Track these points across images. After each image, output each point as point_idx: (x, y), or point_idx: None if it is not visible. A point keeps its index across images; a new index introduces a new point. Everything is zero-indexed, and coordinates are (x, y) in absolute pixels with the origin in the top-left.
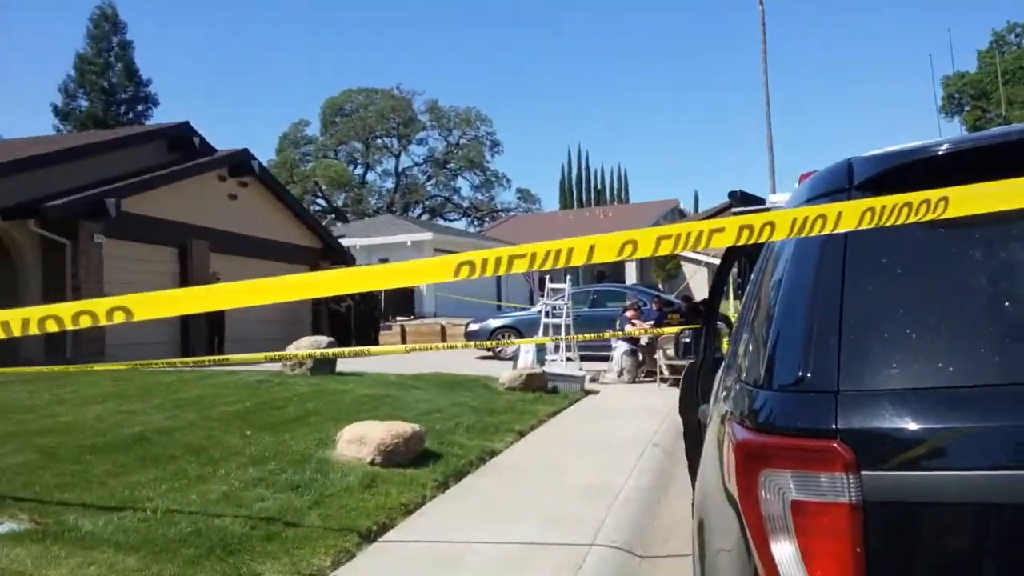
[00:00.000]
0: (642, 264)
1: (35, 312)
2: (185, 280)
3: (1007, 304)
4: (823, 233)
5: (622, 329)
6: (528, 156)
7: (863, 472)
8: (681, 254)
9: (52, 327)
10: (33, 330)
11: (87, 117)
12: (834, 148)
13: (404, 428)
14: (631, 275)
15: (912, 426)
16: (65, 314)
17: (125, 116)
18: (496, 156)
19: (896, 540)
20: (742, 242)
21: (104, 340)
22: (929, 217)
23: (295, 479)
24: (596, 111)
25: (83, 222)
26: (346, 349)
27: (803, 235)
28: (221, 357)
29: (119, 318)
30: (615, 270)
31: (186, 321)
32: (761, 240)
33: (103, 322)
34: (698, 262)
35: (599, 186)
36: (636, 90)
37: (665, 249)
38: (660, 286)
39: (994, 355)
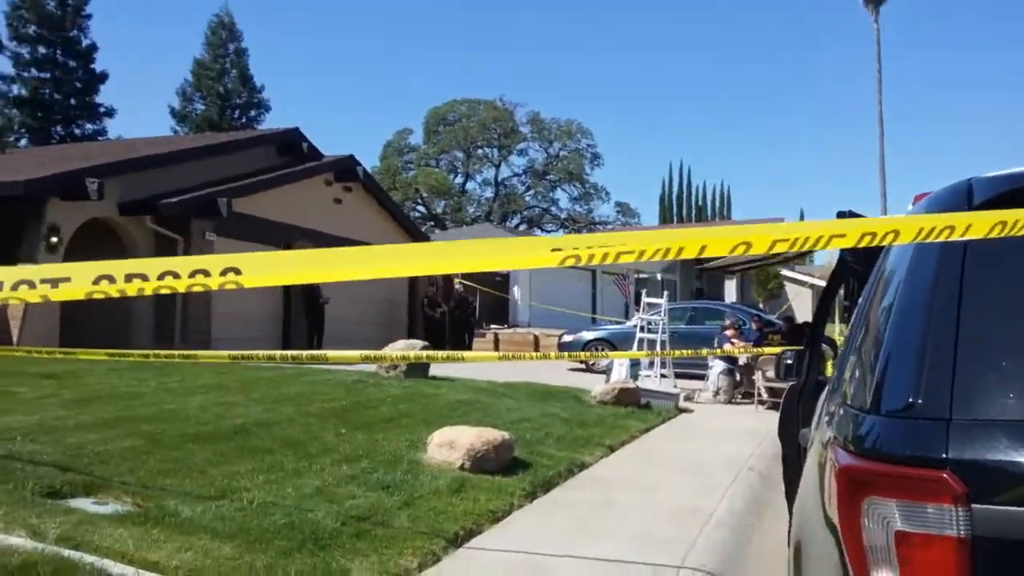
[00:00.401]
0: (743, 283)
1: (154, 267)
2: None
3: None
4: (950, 240)
5: (720, 347)
6: (629, 170)
7: (973, 505)
8: (784, 273)
9: (167, 289)
10: (150, 291)
11: (202, 120)
12: (952, 169)
13: (494, 435)
14: (731, 293)
15: None
16: (183, 271)
17: (238, 120)
18: (596, 169)
19: None
20: (863, 245)
21: (210, 333)
22: None
23: (386, 479)
24: (701, 126)
25: (195, 220)
26: (439, 353)
27: (928, 240)
28: (318, 353)
29: (231, 286)
30: (714, 288)
31: (288, 320)
32: (884, 243)
33: (215, 287)
34: (802, 283)
35: (700, 202)
36: (743, 105)
37: (780, 248)
38: (761, 305)
39: None
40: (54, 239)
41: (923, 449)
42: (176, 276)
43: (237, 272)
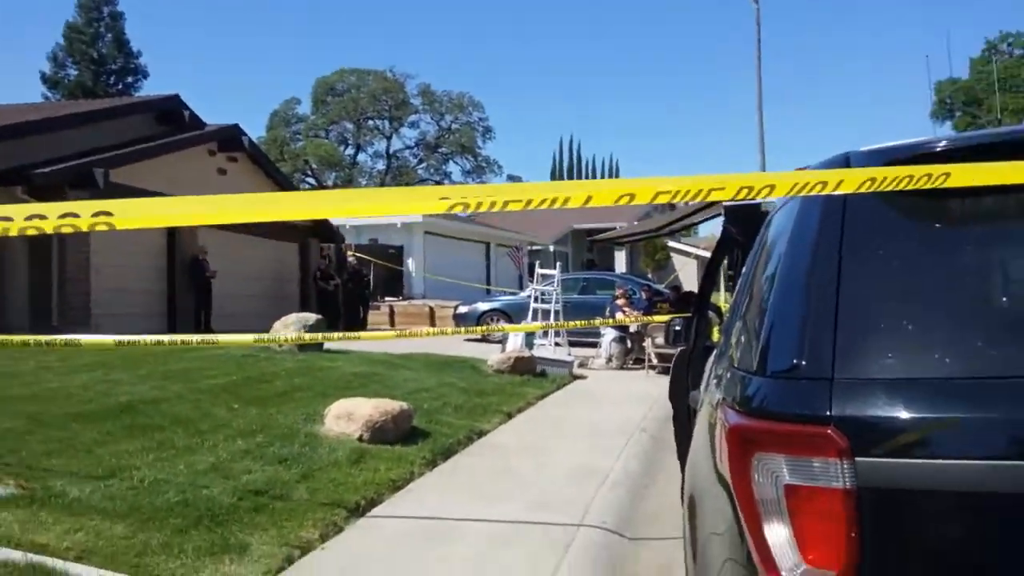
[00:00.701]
0: (631, 254)
1: (20, 211)
2: (172, 253)
3: (1003, 298)
4: (822, 193)
5: (612, 316)
6: (520, 143)
7: (857, 458)
8: (671, 245)
9: (33, 229)
10: (15, 231)
11: (76, 86)
12: (826, 147)
13: (392, 405)
14: (621, 264)
15: (906, 415)
16: (51, 213)
17: (114, 87)
18: (488, 142)
19: (889, 526)
20: (740, 198)
21: (91, 309)
22: (929, 186)
23: (283, 452)
24: (589, 101)
25: (70, 191)
26: (335, 334)
27: (800, 194)
28: (209, 338)
29: (102, 227)
30: (605, 259)
31: (173, 295)
32: (760, 197)
33: (85, 228)
34: (687, 254)
35: (590, 176)
36: (630, 81)
37: (663, 199)
38: (650, 276)
39: (989, 348)
40: None
41: (808, 407)
42: (43, 218)
43: (108, 214)
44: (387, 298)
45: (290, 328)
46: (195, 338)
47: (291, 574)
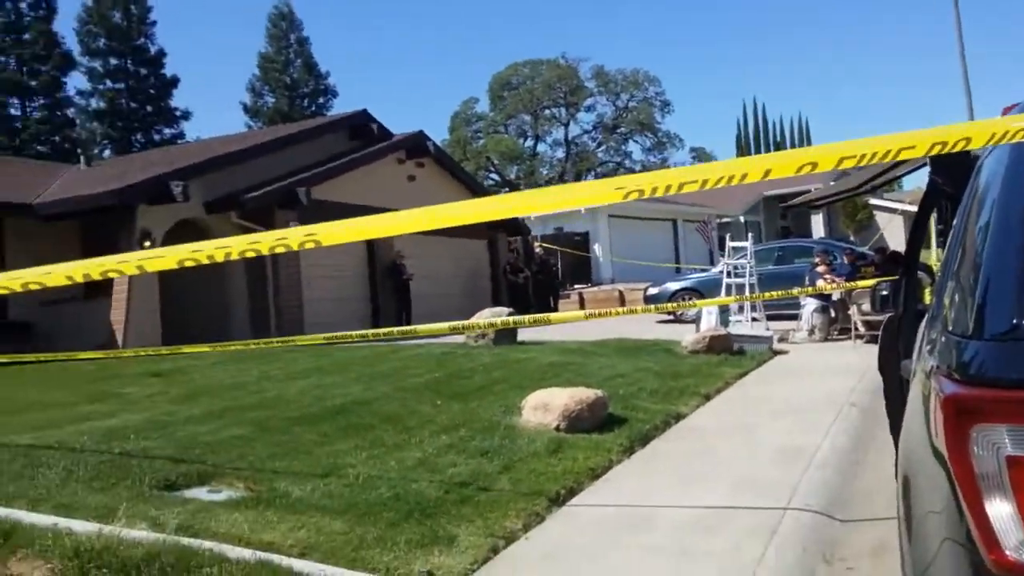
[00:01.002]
0: (830, 217)
1: (238, 244)
2: (372, 260)
3: None
4: None
5: (812, 285)
6: (701, 114)
7: None
8: (873, 202)
9: (252, 253)
10: (235, 254)
11: (274, 112)
12: None
13: (587, 394)
14: (819, 229)
15: None
16: (265, 242)
17: (308, 109)
18: (667, 116)
19: None
20: (934, 154)
21: (303, 320)
22: None
23: (484, 445)
24: (771, 60)
25: (277, 211)
26: (526, 317)
27: (1003, 143)
28: (407, 328)
29: (310, 245)
30: (800, 225)
31: (376, 301)
32: (956, 150)
33: (296, 248)
34: (892, 211)
35: (779, 138)
36: (813, 33)
37: (848, 164)
38: (852, 238)
39: None
40: (147, 243)
41: None
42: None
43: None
44: (576, 285)
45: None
46: (395, 329)
47: (496, 563)
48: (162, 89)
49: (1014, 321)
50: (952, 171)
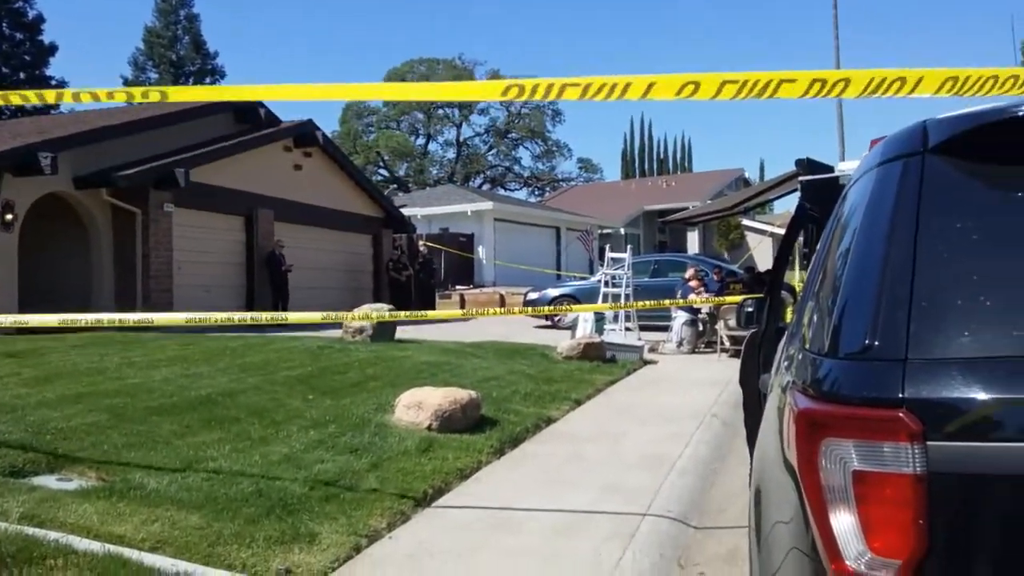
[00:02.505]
0: (704, 234)
1: None
2: (251, 248)
3: None
4: (899, 95)
5: (684, 298)
6: (590, 126)
7: (929, 442)
8: (745, 223)
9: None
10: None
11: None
12: (907, 116)
13: (461, 394)
14: (693, 245)
15: (981, 396)
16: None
17: None
18: (557, 125)
19: (959, 512)
20: (812, 95)
21: (173, 306)
22: (1014, 92)
23: (354, 442)
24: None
25: (153, 191)
26: (403, 312)
27: (878, 95)
28: (278, 315)
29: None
30: (677, 241)
31: (251, 290)
32: (834, 94)
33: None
34: (763, 232)
35: (662, 155)
36: (700, 58)
37: (728, 93)
38: (724, 256)
39: None
40: (8, 216)
41: (879, 390)
42: None
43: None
44: (458, 286)
45: (362, 320)
46: (264, 315)
47: (358, 562)
48: (38, 56)
49: (866, 342)
50: (821, 197)
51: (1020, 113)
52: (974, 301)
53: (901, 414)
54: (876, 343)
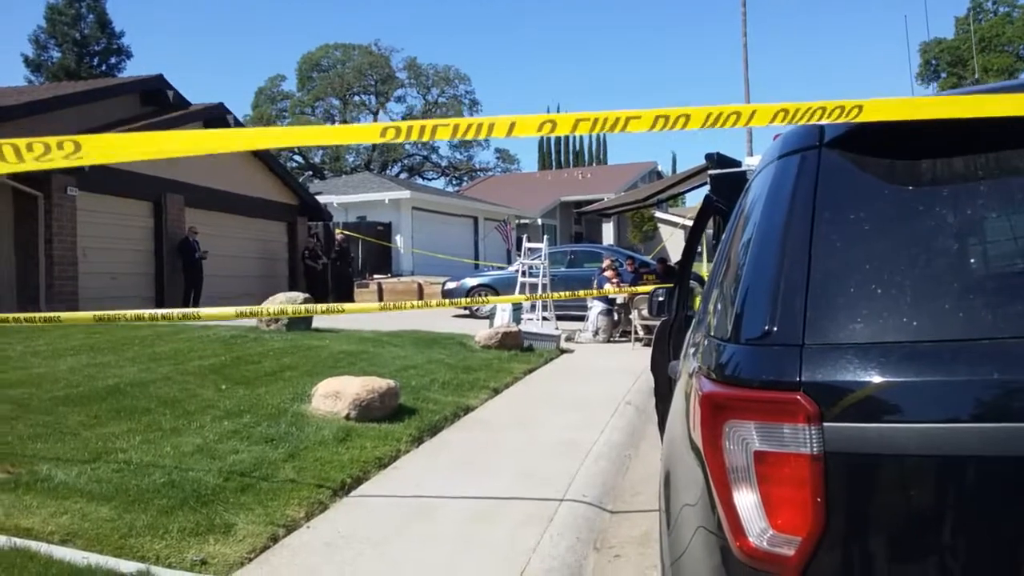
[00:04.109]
0: (619, 226)
1: None
2: (160, 234)
3: (970, 261)
4: (736, 126)
5: (599, 288)
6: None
7: (825, 424)
8: (658, 216)
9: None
10: None
11: (59, 68)
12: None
13: (379, 383)
14: (608, 237)
15: (874, 379)
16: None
17: (98, 68)
18: (475, 115)
19: (855, 490)
20: (658, 129)
21: (78, 294)
22: (842, 119)
23: (270, 432)
24: (576, 73)
25: (56, 175)
26: (319, 306)
27: (716, 127)
28: (190, 311)
29: (68, 148)
30: (592, 232)
31: (161, 277)
32: (676, 128)
33: (55, 153)
34: (675, 224)
35: (578, 148)
36: (616, 53)
37: (583, 129)
38: (639, 247)
39: (956, 311)
40: None
41: (778, 373)
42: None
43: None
44: (376, 275)
45: (277, 308)
46: (176, 312)
47: (275, 552)
48: None
49: (766, 328)
50: (727, 190)
51: None
52: (867, 289)
53: (799, 397)
54: (775, 329)
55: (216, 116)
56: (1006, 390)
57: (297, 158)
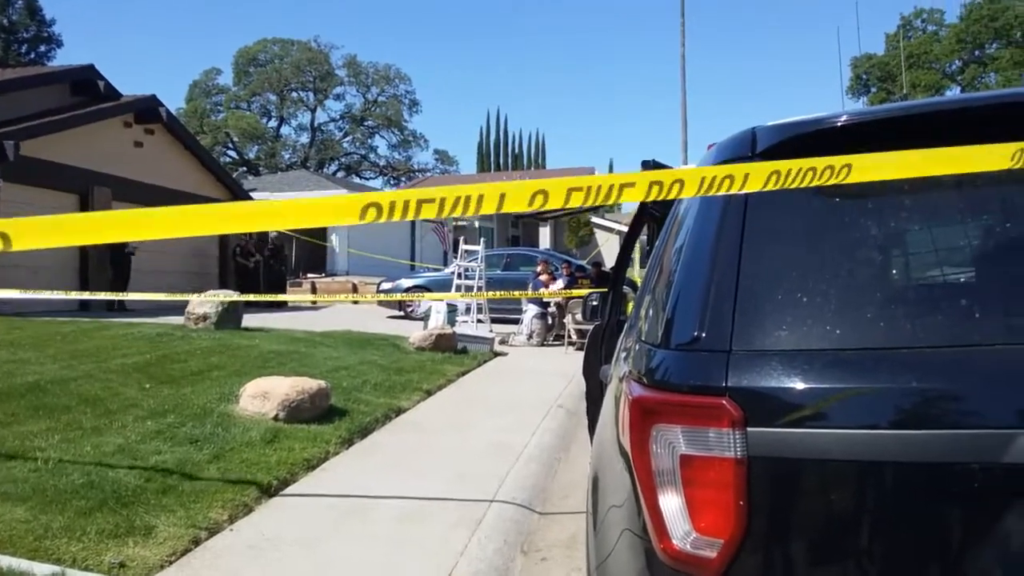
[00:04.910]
0: (556, 230)
1: None
2: None
3: (892, 272)
4: (730, 192)
5: (535, 290)
6: (447, 118)
7: (749, 428)
8: (594, 221)
9: None
10: None
11: None
12: (747, 122)
13: (309, 384)
14: (545, 240)
15: (798, 386)
16: None
17: (26, 56)
18: (415, 116)
19: (777, 493)
20: (651, 198)
21: None
22: (832, 182)
23: (195, 433)
24: (516, 76)
25: None
26: (248, 296)
27: (711, 193)
28: (114, 295)
29: None
30: (529, 235)
31: (86, 271)
32: (671, 196)
33: None
34: (610, 229)
35: (517, 151)
36: (556, 57)
37: (576, 201)
38: (574, 252)
39: (878, 321)
40: None
41: (705, 379)
42: None
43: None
44: (309, 275)
45: (206, 306)
46: (102, 294)
47: (196, 555)
48: None
49: (695, 334)
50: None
51: (837, 123)
52: (794, 297)
53: (724, 401)
54: (703, 335)
55: (148, 108)
56: (924, 398)
57: (231, 154)
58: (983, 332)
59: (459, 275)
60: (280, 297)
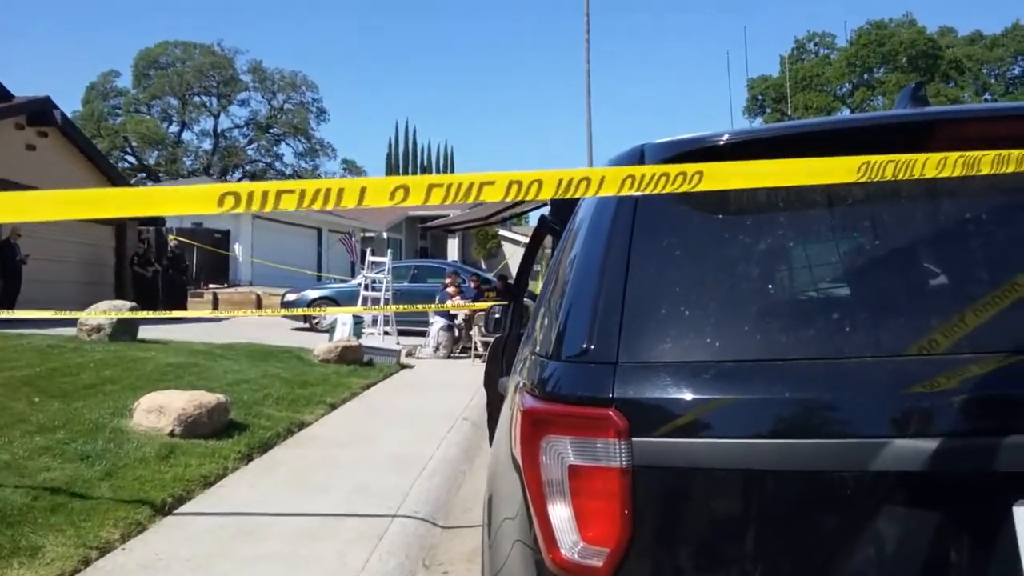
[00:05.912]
0: (464, 242)
1: None
2: None
3: (769, 287)
4: (586, 195)
5: (442, 303)
6: (355, 127)
7: (634, 439)
8: (502, 233)
9: None
10: None
11: None
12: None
13: (208, 398)
14: (453, 252)
15: (680, 396)
16: None
17: None
18: (322, 124)
19: (662, 502)
20: (511, 197)
21: None
22: (684, 188)
23: (85, 449)
24: (425, 87)
25: None
26: (144, 313)
27: (567, 196)
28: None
29: None
30: (438, 247)
31: None
32: (529, 196)
33: None
34: (517, 242)
35: (426, 162)
36: (465, 71)
37: (436, 198)
38: (482, 264)
39: (755, 333)
40: None
41: (593, 390)
42: None
43: None
44: (211, 285)
45: (100, 317)
46: None
47: None
48: None
49: (584, 346)
50: (561, 210)
51: (720, 141)
52: (678, 310)
53: (611, 412)
54: (592, 347)
55: (41, 110)
56: (799, 408)
57: (130, 159)
58: (854, 345)
59: (366, 286)
60: (175, 314)
